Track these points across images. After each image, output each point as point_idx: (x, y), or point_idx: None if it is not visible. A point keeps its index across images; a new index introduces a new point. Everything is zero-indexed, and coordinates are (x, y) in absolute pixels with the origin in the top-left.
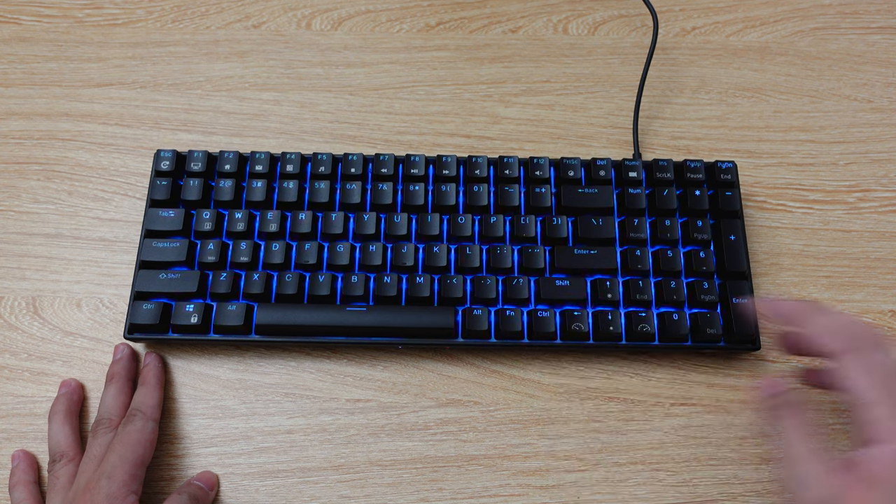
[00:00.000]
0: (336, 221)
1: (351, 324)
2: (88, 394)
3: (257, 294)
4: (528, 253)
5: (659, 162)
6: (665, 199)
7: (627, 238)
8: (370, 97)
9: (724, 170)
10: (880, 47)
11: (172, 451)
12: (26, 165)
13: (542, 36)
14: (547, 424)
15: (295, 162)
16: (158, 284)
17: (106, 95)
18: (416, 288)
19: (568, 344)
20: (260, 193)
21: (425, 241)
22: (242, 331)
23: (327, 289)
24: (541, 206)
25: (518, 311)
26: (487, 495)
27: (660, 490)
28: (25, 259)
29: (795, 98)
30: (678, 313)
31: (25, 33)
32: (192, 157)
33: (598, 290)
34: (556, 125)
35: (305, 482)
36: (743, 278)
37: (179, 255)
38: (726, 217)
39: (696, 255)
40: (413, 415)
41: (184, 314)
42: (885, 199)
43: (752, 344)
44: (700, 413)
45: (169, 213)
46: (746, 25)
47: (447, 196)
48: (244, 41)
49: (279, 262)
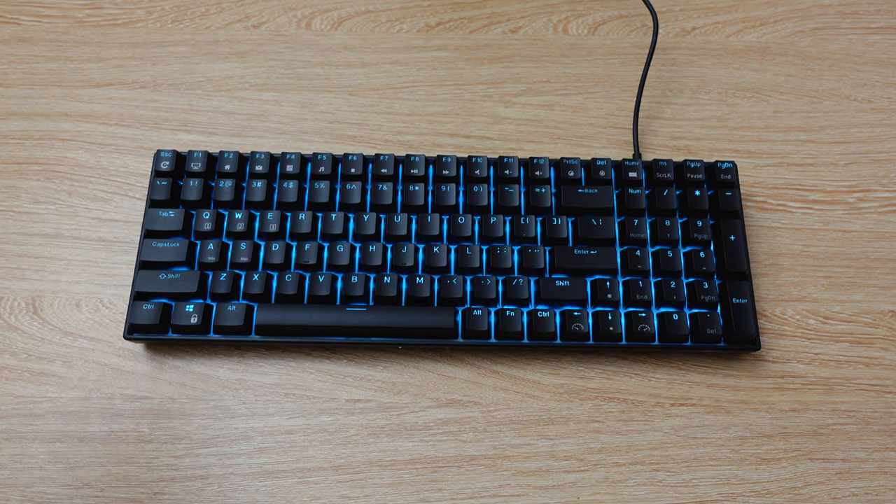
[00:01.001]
0: (336, 221)
1: (351, 324)
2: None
3: (257, 294)
4: (528, 253)
5: (659, 162)
6: (665, 199)
7: (627, 238)
8: (370, 97)
9: (724, 170)
10: (880, 47)
11: (172, 452)
12: (26, 165)
13: (542, 36)
14: (547, 425)
15: (295, 162)
16: (158, 284)
17: (106, 95)
18: (416, 288)
19: (568, 344)
20: (260, 193)
21: (425, 241)
22: (242, 331)
23: (327, 289)
24: (541, 206)
25: (518, 312)
26: (487, 495)
27: (660, 490)
28: (25, 259)
29: (795, 98)
30: (678, 313)
31: (25, 33)
32: (191, 158)
33: (598, 290)
34: (556, 125)
35: (305, 482)
36: (743, 279)
37: (179, 255)
38: (726, 217)
39: (696, 255)
40: (413, 415)
41: (184, 314)
42: (885, 199)
43: (752, 344)
44: (700, 413)
45: (169, 213)
46: (746, 25)
47: (447, 196)
48: (244, 41)
49: (279, 262)
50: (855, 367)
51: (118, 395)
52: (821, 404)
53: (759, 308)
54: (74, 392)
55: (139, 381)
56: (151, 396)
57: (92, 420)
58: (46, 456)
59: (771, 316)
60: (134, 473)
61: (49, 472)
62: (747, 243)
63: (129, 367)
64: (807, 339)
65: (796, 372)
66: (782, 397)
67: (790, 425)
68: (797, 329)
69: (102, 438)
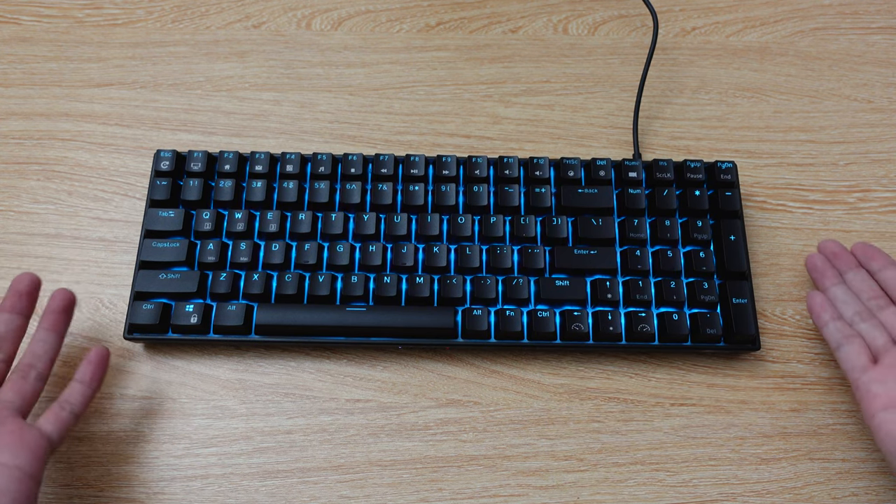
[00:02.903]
0: (336, 221)
1: (351, 324)
2: None
3: (257, 294)
4: (528, 253)
5: (659, 162)
6: (665, 199)
7: (627, 238)
8: (370, 97)
9: (724, 170)
10: (880, 47)
11: (172, 452)
12: (26, 165)
13: (542, 36)
14: (547, 424)
15: (295, 162)
16: (158, 284)
17: (106, 95)
18: (415, 288)
19: (568, 344)
20: (260, 193)
21: (425, 241)
22: (242, 331)
23: (327, 289)
24: (541, 206)
25: (518, 312)
26: (487, 495)
27: (660, 490)
28: (25, 259)
29: (795, 98)
30: (678, 313)
31: (25, 33)
32: (191, 158)
33: (598, 290)
34: (556, 125)
35: (305, 482)
36: (743, 279)
37: (179, 255)
38: (726, 217)
39: (696, 255)
40: (413, 415)
41: (184, 314)
42: (885, 199)
43: (752, 344)
44: (700, 413)
45: (169, 213)
46: (746, 25)
47: (447, 196)
48: (244, 41)
49: (279, 262)
50: None
51: (118, 395)
52: (821, 404)
53: (759, 308)
54: None
55: (139, 381)
56: (151, 396)
57: (92, 420)
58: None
59: (771, 316)
60: (134, 473)
61: (49, 472)
62: (747, 243)
63: (129, 367)
64: (807, 339)
65: (796, 372)
66: (782, 397)
67: (790, 425)
68: (797, 329)
69: (102, 438)
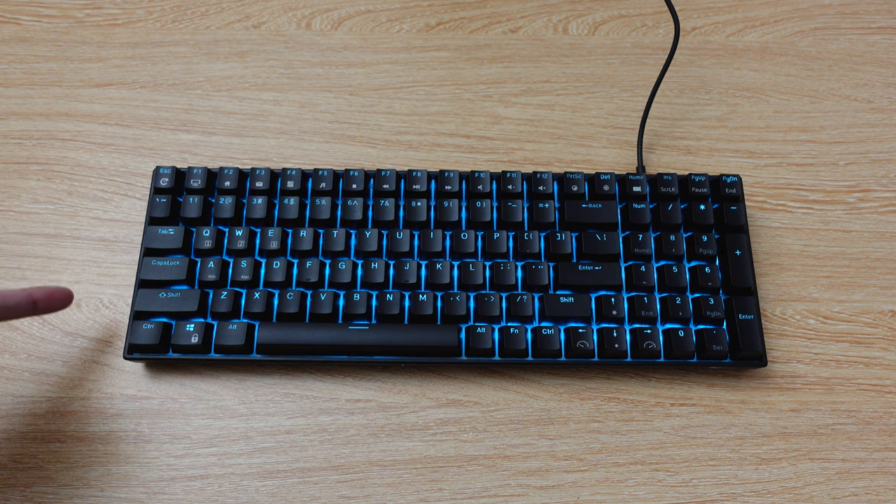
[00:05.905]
0: (338, 238)
1: (353, 342)
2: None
3: (258, 313)
4: (532, 269)
5: (663, 176)
6: (670, 213)
7: (632, 253)
8: (370, 97)
9: (729, 184)
10: (880, 47)
11: (172, 452)
12: (26, 165)
13: (542, 36)
14: (547, 424)
15: (295, 178)
16: (158, 303)
17: (106, 95)
18: (419, 305)
19: (573, 361)
20: (260, 210)
21: (428, 257)
22: (243, 350)
23: (329, 307)
24: (544, 222)
25: (522, 329)
26: (487, 495)
27: (660, 490)
28: (25, 259)
29: (795, 98)
30: (684, 330)
31: (25, 33)
32: (191, 174)
33: (602, 306)
34: (556, 125)
35: (305, 482)
36: (749, 294)
37: (179, 273)
38: (731, 231)
39: (701, 270)
40: (413, 415)
41: (184, 334)
42: (885, 199)
43: (759, 360)
44: (700, 413)
45: (169, 230)
46: (746, 25)
47: (450, 212)
48: (244, 41)
49: (280, 279)
50: (855, 367)
51: (118, 395)
52: (821, 404)
53: (759, 308)
54: (74, 392)
55: (139, 381)
56: (151, 396)
57: (92, 420)
58: (46, 456)
59: (771, 316)
60: (134, 473)
61: (49, 472)
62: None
63: (130, 367)
64: (807, 339)
65: (796, 372)
66: (782, 397)
67: (790, 425)
68: (797, 329)
69: (102, 438)
